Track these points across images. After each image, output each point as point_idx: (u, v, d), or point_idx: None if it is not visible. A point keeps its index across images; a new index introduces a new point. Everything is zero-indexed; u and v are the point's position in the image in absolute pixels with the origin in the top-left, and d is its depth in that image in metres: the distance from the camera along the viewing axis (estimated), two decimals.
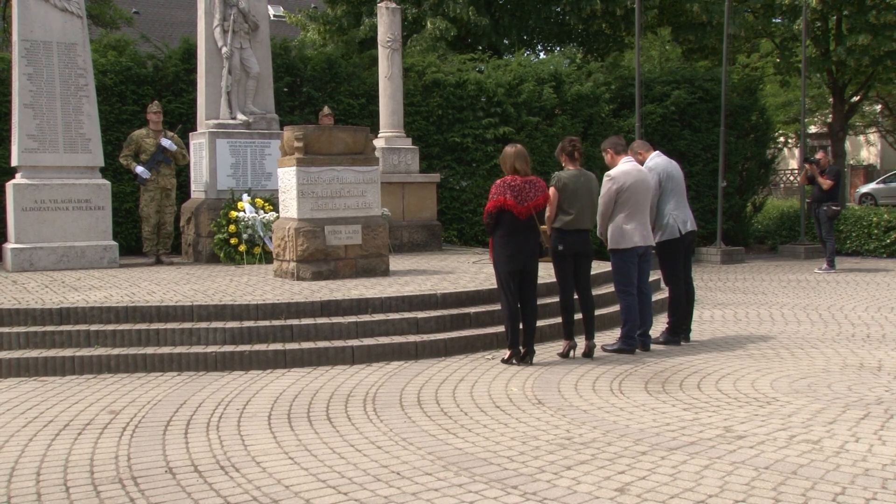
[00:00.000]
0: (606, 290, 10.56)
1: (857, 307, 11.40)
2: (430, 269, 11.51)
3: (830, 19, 20.94)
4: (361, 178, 10.71)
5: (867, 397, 6.73)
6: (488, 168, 16.52)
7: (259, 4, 13.32)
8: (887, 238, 18.03)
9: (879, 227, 18.16)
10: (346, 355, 8.07)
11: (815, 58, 21.42)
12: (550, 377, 7.50)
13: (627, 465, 5.13)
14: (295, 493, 4.74)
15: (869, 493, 4.69)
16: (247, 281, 10.40)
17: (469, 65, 17.32)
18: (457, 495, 4.68)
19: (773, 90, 26.22)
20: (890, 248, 17.97)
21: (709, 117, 18.33)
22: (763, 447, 5.47)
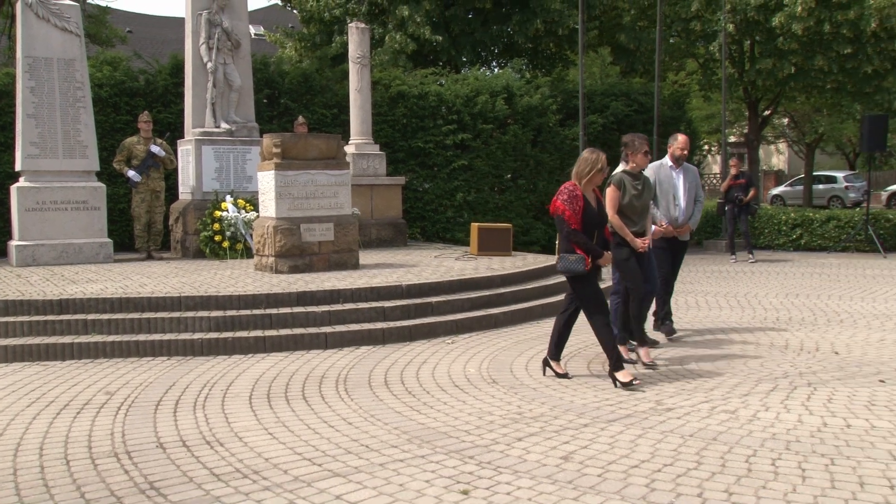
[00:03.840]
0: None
1: (768, 294, 11.56)
2: (396, 263, 11.49)
3: (745, 43, 21.20)
4: (334, 181, 10.68)
5: (775, 372, 6.85)
6: (448, 171, 16.56)
7: (241, 24, 13.25)
8: (793, 234, 18.36)
9: (787, 225, 18.47)
10: (320, 341, 8.04)
11: (733, 77, 21.69)
12: (504, 359, 7.52)
13: (571, 436, 5.17)
14: (274, 465, 4.73)
15: (775, 454, 4.81)
16: (230, 274, 10.32)
17: (430, 79, 17.30)
18: (420, 465, 4.69)
19: (697, 104, 26.51)
20: (796, 243, 18.31)
21: (644, 127, 18.43)
22: (688, 417, 5.55)
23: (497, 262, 11.57)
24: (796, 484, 4.35)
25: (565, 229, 6.46)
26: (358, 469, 4.65)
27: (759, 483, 4.36)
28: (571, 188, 6.53)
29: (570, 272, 6.48)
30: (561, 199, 6.48)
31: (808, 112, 30.83)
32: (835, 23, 18.79)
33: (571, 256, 6.43)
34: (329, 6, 19.72)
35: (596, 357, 7.53)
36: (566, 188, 6.57)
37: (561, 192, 6.56)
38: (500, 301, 9.67)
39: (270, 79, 15.57)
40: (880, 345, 8.02)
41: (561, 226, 6.53)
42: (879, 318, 9.59)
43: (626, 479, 4.43)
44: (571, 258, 6.43)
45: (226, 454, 4.94)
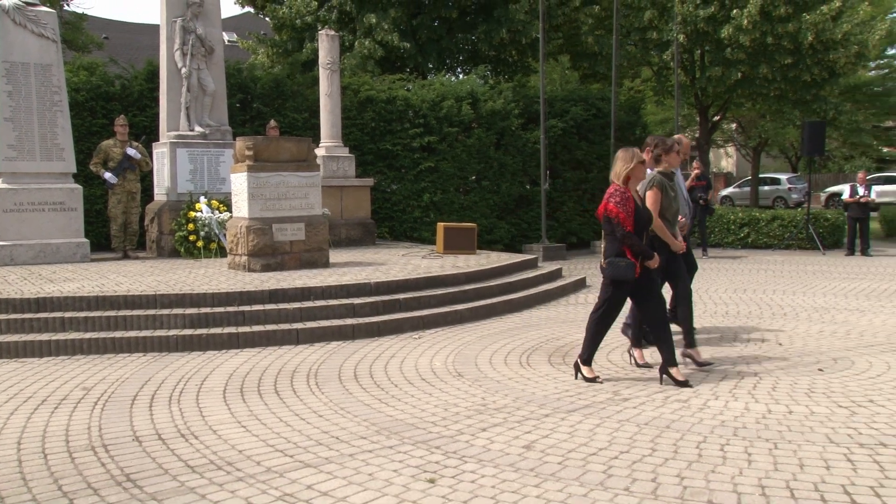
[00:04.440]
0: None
1: (718, 289, 11.69)
2: (365, 261, 11.46)
3: (696, 53, 21.44)
4: (305, 182, 10.62)
5: (724, 363, 6.94)
6: (415, 173, 16.54)
7: (214, 31, 13.15)
8: (741, 232, 18.60)
9: (736, 224, 18.71)
10: (292, 337, 7.99)
11: (685, 84, 21.91)
12: (469, 353, 7.53)
13: (533, 426, 5.19)
14: (247, 457, 4.70)
15: (724, 440, 4.87)
16: (204, 273, 10.23)
17: (398, 84, 17.28)
18: (388, 455, 4.69)
19: (652, 109, 26.74)
20: (744, 241, 18.55)
21: (601, 131, 18.57)
22: (644, 407, 5.60)
23: (462, 261, 11.59)
24: (743, 467, 4.41)
25: (620, 232, 6.01)
26: (328, 460, 4.63)
27: (709, 467, 4.41)
28: (622, 190, 6.08)
29: (619, 279, 6.07)
30: (613, 202, 6.03)
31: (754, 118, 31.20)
32: (776, 35, 19.14)
33: (622, 262, 6.02)
34: (300, 14, 19.60)
35: (556, 351, 7.57)
36: (616, 191, 6.10)
37: (611, 194, 6.09)
38: (465, 298, 9.69)
39: (243, 84, 15.45)
40: (819, 336, 8.15)
41: (614, 228, 6.05)
42: (819, 311, 9.74)
43: (585, 466, 4.46)
44: (622, 264, 6.02)
45: (200, 446, 4.90)
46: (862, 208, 16.93)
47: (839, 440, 4.87)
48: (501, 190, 17.46)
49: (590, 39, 21.35)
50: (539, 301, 10.52)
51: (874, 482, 4.22)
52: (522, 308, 10.05)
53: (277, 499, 4.08)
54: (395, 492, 4.14)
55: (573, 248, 17.90)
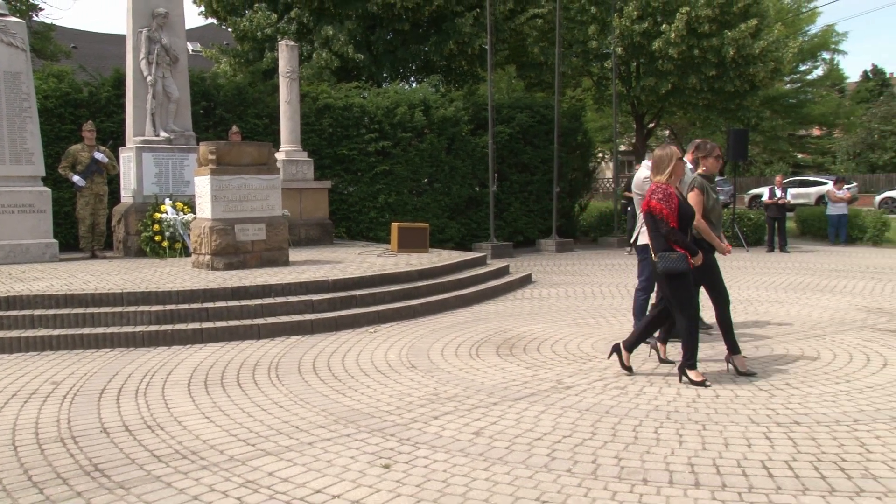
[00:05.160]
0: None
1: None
2: (323, 260, 11.40)
3: (632, 64, 21.73)
4: (265, 185, 10.54)
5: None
6: (371, 176, 16.50)
7: (179, 41, 12.97)
8: None
9: None
10: (254, 332, 7.92)
11: (622, 93, 22.20)
12: (422, 346, 7.54)
13: (482, 414, 5.22)
14: (211, 446, 4.65)
15: (658, 423, 4.96)
16: (169, 271, 10.08)
17: (354, 92, 17.21)
18: (345, 443, 4.68)
19: (592, 116, 27.05)
20: None
21: (545, 137, 18.69)
22: (585, 394, 5.66)
23: (415, 258, 11.59)
24: (674, 448, 4.49)
25: (664, 228, 5.73)
26: (289, 448, 4.60)
27: (644, 449, 4.49)
28: (664, 187, 5.83)
29: (673, 271, 5.73)
30: (656, 199, 5.77)
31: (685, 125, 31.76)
32: (702, 49, 19.52)
33: (673, 255, 5.72)
34: (261, 26, 19.40)
35: (504, 343, 7.62)
36: (658, 188, 5.83)
37: (654, 192, 5.83)
38: (418, 293, 9.70)
39: (207, 91, 15.25)
40: (743, 326, 8.31)
41: (658, 225, 5.79)
42: (743, 303, 9.94)
43: (531, 450, 4.50)
44: (673, 256, 5.71)
45: (166, 437, 4.83)
46: (780, 209, 17.34)
47: (759, 420, 4.99)
48: (452, 192, 17.50)
49: (535, 51, 21.51)
50: (488, 296, 10.57)
51: (788, 457, 4.34)
52: (472, 303, 10.09)
53: (240, 485, 4.05)
54: (352, 477, 4.13)
55: (519, 246, 18.02)
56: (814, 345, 7.28)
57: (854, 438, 4.64)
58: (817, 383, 5.90)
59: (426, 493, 3.92)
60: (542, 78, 22.87)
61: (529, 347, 7.37)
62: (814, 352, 6.97)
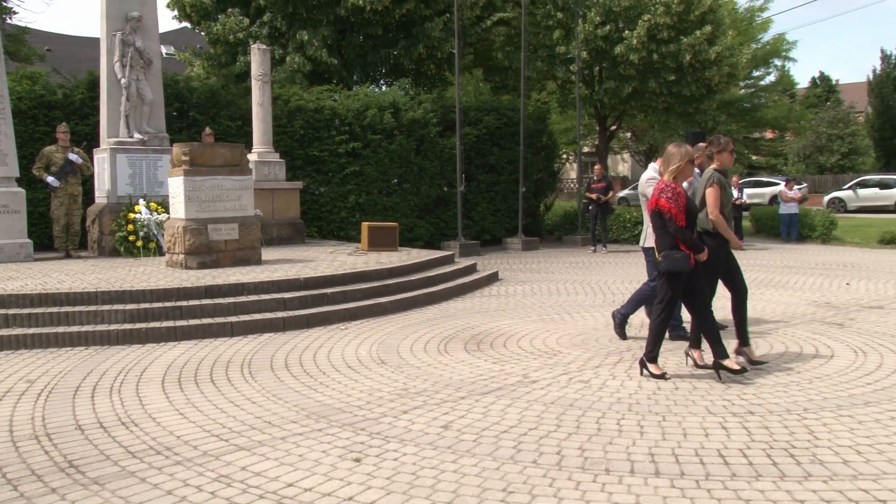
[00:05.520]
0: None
1: (615, 281, 11.96)
2: (295, 259, 11.33)
3: (595, 69, 21.89)
4: (238, 185, 10.46)
5: (621, 346, 7.11)
6: (342, 176, 16.44)
7: (153, 44, 12.84)
8: (636, 230, 19.01)
9: (631, 222, 19.14)
10: (227, 329, 7.85)
11: (585, 96, 22.34)
12: (391, 342, 7.53)
13: (450, 408, 5.23)
14: (185, 442, 4.60)
15: (620, 415, 5.00)
16: (143, 270, 9.96)
17: (325, 94, 17.12)
18: (317, 438, 4.66)
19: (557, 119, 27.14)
20: (638, 237, 18.88)
21: (511, 138, 18.74)
22: (550, 388, 5.69)
23: (385, 257, 11.57)
24: (636, 438, 4.54)
25: (672, 227, 5.69)
26: (261, 443, 4.57)
27: (607, 440, 4.53)
28: (672, 185, 5.76)
29: (676, 270, 5.71)
30: (665, 197, 5.71)
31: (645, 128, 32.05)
32: (661, 54, 19.72)
33: (677, 254, 5.69)
34: (233, 30, 19.23)
35: (471, 339, 7.63)
36: (667, 186, 5.76)
37: (662, 190, 5.76)
38: (388, 291, 9.68)
39: (180, 94, 15.08)
40: None
41: (666, 223, 5.73)
42: None
43: (498, 442, 4.52)
44: (677, 256, 5.68)
45: (140, 433, 4.78)
46: (736, 209, 17.47)
47: (716, 411, 5.06)
48: (421, 192, 17.48)
49: (499, 56, 21.57)
50: (456, 293, 10.58)
51: (743, 445, 4.41)
52: (441, 300, 10.10)
53: (214, 480, 4.01)
54: (323, 471, 4.12)
55: (487, 245, 18.06)
56: (767, 338, 7.38)
57: (803, 426, 4.73)
58: (770, 375, 5.99)
59: (396, 485, 3.92)
60: (508, 81, 22.92)
61: (496, 343, 7.39)
62: (767, 345, 7.07)
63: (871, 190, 31.97)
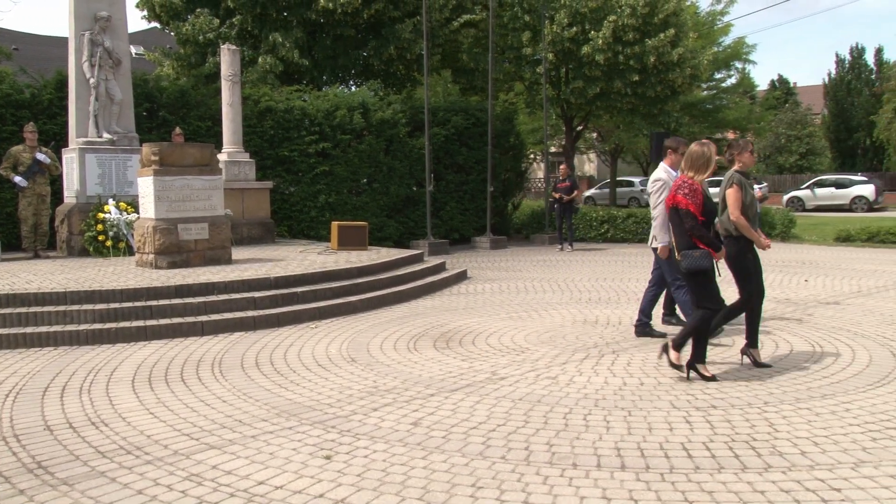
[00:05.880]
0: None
1: (582, 278, 12.04)
2: (265, 258, 11.25)
3: (561, 69, 22.01)
4: (208, 185, 10.36)
5: (587, 343, 7.16)
6: (311, 176, 16.34)
7: (122, 44, 12.65)
8: (602, 228, 19.19)
9: (597, 221, 19.28)
10: (197, 329, 7.78)
11: (552, 97, 22.45)
12: (362, 340, 7.51)
13: (420, 405, 5.23)
14: (155, 441, 4.55)
15: (587, 411, 5.04)
16: (113, 270, 9.82)
17: (295, 95, 17.00)
18: (287, 436, 4.63)
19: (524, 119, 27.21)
20: (604, 235, 19.12)
21: (480, 138, 18.76)
22: (518, 384, 5.71)
23: (355, 256, 11.53)
24: (602, 433, 4.58)
25: (689, 223, 5.51)
26: (232, 441, 4.54)
27: (574, 435, 4.56)
28: (690, 182, 5.59)
29: (696, 269, 5.52)
30: (682, 194, 5.54)
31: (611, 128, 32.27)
32: (626, 55, 19.89)
33: (696, 252, 5.51)
34: (203, 30, 19.01)
35: (441, 336, 7.64)
36: (684, 183, 5.60)
37: (680, 186, 5.60)
38: (358, 290, 9.65)
39: (150, 94, 14.88)
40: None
41: (683, 220, 5.55)
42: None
43: (467, 438, 4.53)
44: (697, 254, 5.51)
45: (110, 433, 4.71)
46: None
47: (680, 405, 5.12)
48: (390, 191, 17.45)
49: (465, 58, 21.58)
50: (425, 292, 10.58)
51: (706, 438, 4.47)
52: (410, 298, 10.10)
53: (184, 479, 3.97)
54: (294, 468, 4.10)
55: (455, 244, 18.08)
56: (730, 334, 7.48)
57: (764, 419, 4.81)
58: (732, 369, 6.07)
59: (366, 482, 3.91)
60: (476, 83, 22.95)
61: (465, 340, 7.40)
62: (730, 341, 7.17)
63: (827, 189, 32.60)
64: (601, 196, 36.89)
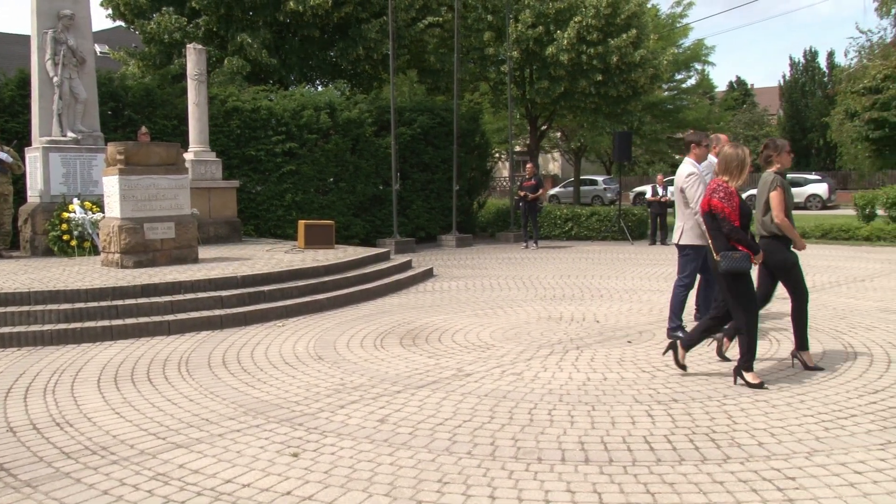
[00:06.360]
0: None
1: (547, 276, 12.11)
2: (232, 257, 11.13)
3: (526, 70, 22.11)
4: (174, 185, 10.22)
5: (552, 339, 7.21)
6: (278, 175, 16.20)
7: (86, 42, 12.43)
8: (566, 226, 19.31)
9: (561, 219, 19.41)
10: (164, 328, 7.67)
11: (517, 96, 22.54)
12: (329, 338, 7.47)
13: (387, 402, 5.22)
14: (121, 441, 4.48)
15: (552, 406, 5.07)
16: (78, 270, 9.64)
17: (262, 94, 16.84)
18: (255, 434, 4.59)
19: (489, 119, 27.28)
20: (568, 233, 19.25)
21: (445, 138, 18.76)
22: (484, 381, 5.73)
23: (321, 255, 11.47)
24: (566, 428, 4.61)
25: (726, 227, 5.42)
26: (199, 440, 4.49)
27: (539, 430, 4.58)
28: (725, 186, 5.49)
29: (736, 270, 5.40)
30: (717, 197, 5.44)
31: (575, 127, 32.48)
32: (589, 55, 20.04)
33: (735, 254, 5.40)
34: (169, 29, 18.73)
35: (407, 334, 7.63)
36: (720, 186, 5.50)
37: (714, 190, 5.50)
38: (325, 288, 9.60)
39: (115, 92, 14.63)
40: (629, 313, 8.61)
41: (719, 224, 5.47)
42: (628, 292, 10.28)
43: (433, 434, 4.53)
44: (736, 256, 5.40)
45: (75, 434, 4.63)
46: (661, 206, 17.99)
47: (643, 399, 5.18)
48: (357, 190, 17.37)
49: (431, 59, 21.57)
50: (391, 290, 10.56)
51: (668, 431, 4.52)
52: (377, 296, 10.07)
53: (151, 478, 3.92)
54: (261, 466, 4.07)
55: (422, 242, 18.07)
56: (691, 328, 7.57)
57: (723, 412, 4.88)
58: (693, 363, 6.16)
59: (333, 478, 3.89)
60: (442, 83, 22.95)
61: (431, 338, 7.40)
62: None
63: None
64: (565, 195, 37.13)
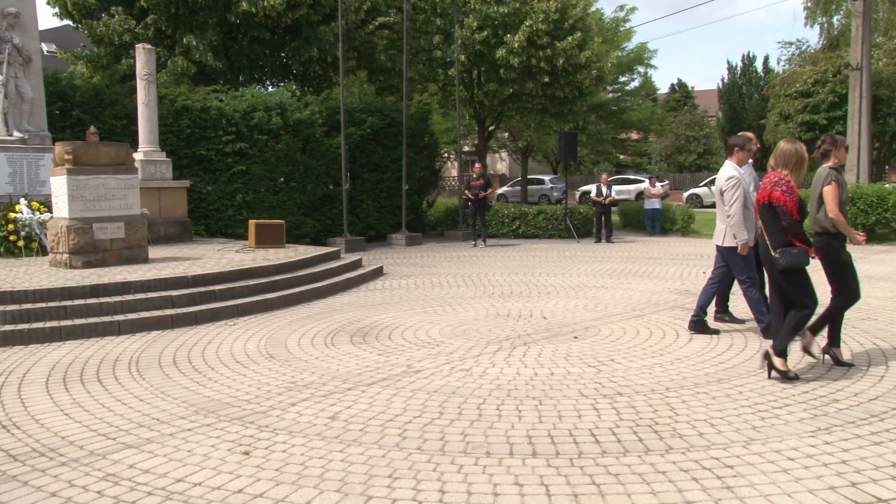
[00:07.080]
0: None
1: (495, 273, 12.19)
2: (182, 257, 10.94)
3: (474, 71, 22.20)
4: (123, 185, 10.01)
5: (500, 336, 7.25)
6: (229, 175, 15.97)
7: (32, 41, 12.11)
8: (514, 224, 19.47)
9: (509, 217, 19.55)
10: (114, 328, 7.51)
11: (465, 98, 22.62)
12: (279, 336, 7.41)
13: (337, 399, 5.20)
14: (70, 443, 4.38)
15: (500, 401, 5.11)
16: (25, 271, 9.36)
17: (212, 95, 16.55)
18: (206, 433, 4.53)
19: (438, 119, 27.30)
20: (516, 231, 19.41)
21: (395, 138, 18.73)
22: (433, 377, 5.75)
23: (272, 254, 11.35)
24: (514, 422, 4.65)
25: (787, 220, 5.29)
26: (150, 440, 4.41)
27: (487, 425, 4.62)
28: (787, 180, 5.36)
29: (796, 265, 5.30)
30: (780, 191, 5.30)
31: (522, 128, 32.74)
32: (538, 58, 20.23)
33: (794, 250, 5.30)
34: (118, 31, 18.27)
35: (357, 332, 7.60)
36: (781, 180, 5.37)
37: (776, 183, 5.36)
38: (276, 287, 9.51)
39: (63, 92, 14.24)
40: (574, 310, 8.72)
41: (780, 217, 5.34)
42: (574, 288, 10.41)
43: (383, 431, 4.53)
44: (795, 251, 5.30)
45: (22, 436, 4.51)
46: (605, 206, 18.27)
47: (588, 393, 5.26)
48: (307, 190, 17.23)
49: (382, 58, 21.52)
50: (342, 288, 10.51)
51: (612, 424, 4.60)
52: (327, 295, 10.01)
53: (100, 479, 3.84)
54: (212, 465, 4.01)
55: (371, 241, 18.01)
56: (634, 324, 7.73)
57: (666, 404, 4.98)
58: (637, 358, 6.28)
59: (285, 476, 3.87)
60: (391, 83, 22.90)
61: (381, 335, 7.39)
62: (634, 330, 7.40)
63: None
64: (513, 194, 37.40)
